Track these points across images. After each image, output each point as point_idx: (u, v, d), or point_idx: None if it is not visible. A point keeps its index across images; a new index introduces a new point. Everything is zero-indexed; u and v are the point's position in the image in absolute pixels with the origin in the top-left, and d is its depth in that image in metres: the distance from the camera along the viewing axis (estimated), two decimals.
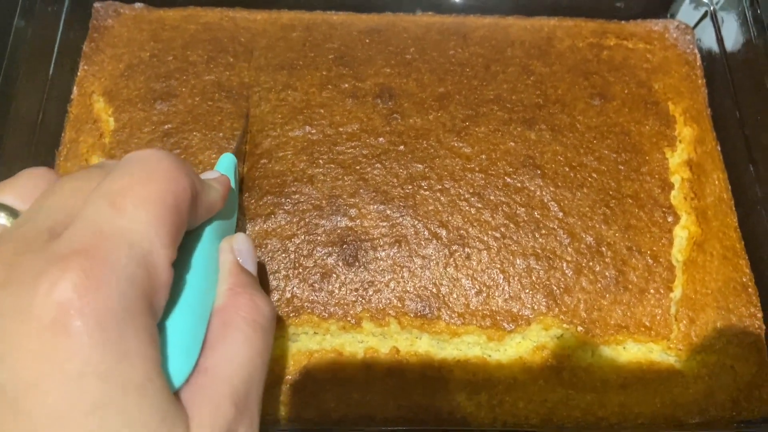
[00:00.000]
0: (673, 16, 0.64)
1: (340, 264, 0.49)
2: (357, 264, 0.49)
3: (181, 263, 0.30)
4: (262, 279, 0.48)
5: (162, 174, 0.27)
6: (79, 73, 0.57)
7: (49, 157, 0.54)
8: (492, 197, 0.51)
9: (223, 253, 0.34)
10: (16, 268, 0.24)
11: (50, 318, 0.22)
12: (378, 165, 0.52)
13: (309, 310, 0.47)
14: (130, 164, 0.28)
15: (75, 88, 0.57)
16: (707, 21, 0.62)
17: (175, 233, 0.27)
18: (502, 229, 0.50)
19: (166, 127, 0.53)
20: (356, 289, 0.48)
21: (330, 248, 0.49)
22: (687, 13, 0.63)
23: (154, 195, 0.26)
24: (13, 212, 0.29)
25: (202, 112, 0.54)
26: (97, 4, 0.60)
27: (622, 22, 0.63)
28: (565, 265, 0.49)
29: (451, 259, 0.49)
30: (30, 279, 0.23)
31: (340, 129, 0.53)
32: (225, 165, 0.43)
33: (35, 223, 0.26)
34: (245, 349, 0.29)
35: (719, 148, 0.57)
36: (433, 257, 0.49)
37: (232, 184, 0.40)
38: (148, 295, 0.25)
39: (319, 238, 0.49)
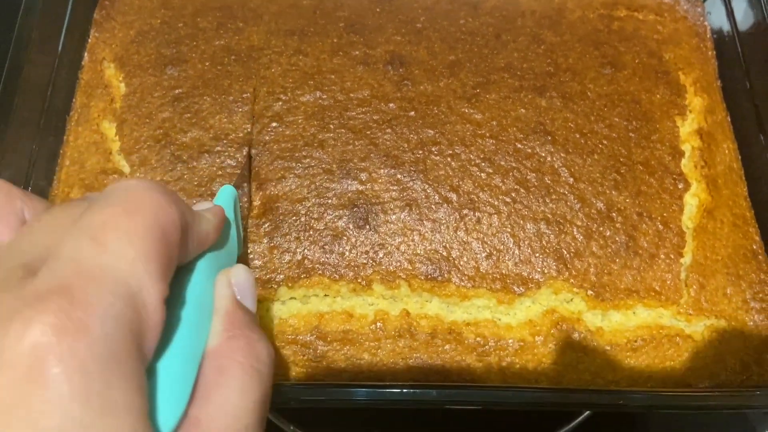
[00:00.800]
0: None
1: (351, 227, 0.49)
2: (368, 227, 0.49)
3: (171, 300, 0.27)
4: (272, 242, 0.48)
5: (148, 204, 0.25)
6: (89, 40, 0.57)
7: (60, 122, 0.54)
8: (503, 162, 0.51)
9: (220, 287, 0.31)
10: None
11: (24, 365, 0.20)
12: (389, 130, 0.52)
13: (320, 272, 0.47)
14: (113, 195, 0.25)
15: (86, 54, 0.57)
16: None
17: (166, 268, 0.25)
18: (513, 194, 0.50)
19: (176, 91, 0.53)
20: (367, 252, 0.48)
21: (341, 211, 0.49)
22: None
23: (140, 227, 0.24)
24: None
25: (212, 76, 0.54)
26: None
27: None
28: (575, 229, 0.49)
29: (462, 223, 0.49)
30: (2, 321, 0.20)
31: (351, 95, 0.53)
32: (224, 197, 0.41)
33: (9, 260, 0.24)
34: (242, 399, 0.26)
35: (729, 119, 0.57)
36: (444, 221, 0.49)
37: (230, 216, 0.38)
38: (137, 337, 0.23)
39: (329, 201, 0.49)
